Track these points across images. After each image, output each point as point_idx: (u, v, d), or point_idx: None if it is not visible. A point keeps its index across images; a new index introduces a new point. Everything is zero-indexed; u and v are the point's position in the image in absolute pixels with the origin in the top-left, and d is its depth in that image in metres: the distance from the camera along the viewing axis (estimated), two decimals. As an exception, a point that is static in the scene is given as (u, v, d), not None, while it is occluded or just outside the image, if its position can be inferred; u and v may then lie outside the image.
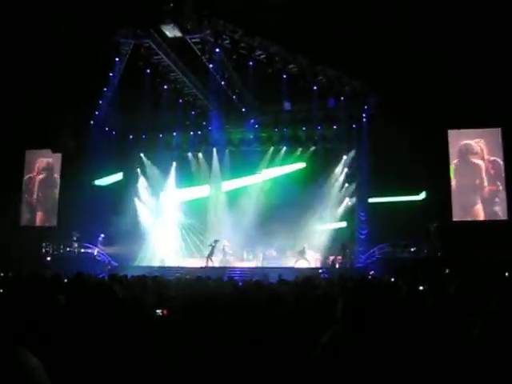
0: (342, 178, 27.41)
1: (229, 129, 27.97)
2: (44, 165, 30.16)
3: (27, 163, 30.28)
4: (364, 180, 25.46)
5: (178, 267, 24.82)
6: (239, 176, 28.54)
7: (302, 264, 24.79)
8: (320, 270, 20.21)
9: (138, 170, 29.71)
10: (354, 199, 26.56)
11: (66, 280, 9.43)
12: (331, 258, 24.99)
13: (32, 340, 2.27)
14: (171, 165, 29.85)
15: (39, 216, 29.98)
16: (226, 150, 29.05)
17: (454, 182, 25.58)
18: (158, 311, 4.67)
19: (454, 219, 25.05)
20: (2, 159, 26.56)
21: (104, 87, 26.16)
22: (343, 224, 26.35)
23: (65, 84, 24.49)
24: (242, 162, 28.16)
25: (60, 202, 29.28)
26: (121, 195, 26.63)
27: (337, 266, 23.73)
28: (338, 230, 26.31)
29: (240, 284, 9.83)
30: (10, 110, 25.84)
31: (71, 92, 25.13)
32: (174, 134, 28.71)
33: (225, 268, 24.40)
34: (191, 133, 28.91)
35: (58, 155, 29.74)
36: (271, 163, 28.44)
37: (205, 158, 29.69)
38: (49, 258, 26.14)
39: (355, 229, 25.60)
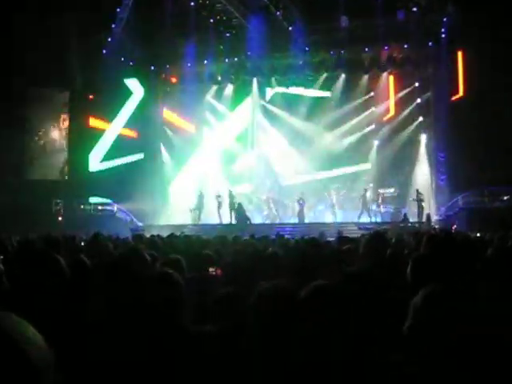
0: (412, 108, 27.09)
1: (272, 54, 27.58)
2: (49, 106, 30.28)
3: (29, 101, 30.09)
4: (443, 112, 24.96)
5: (216, 224, 25.12)
6: (286, 111, 28.52)
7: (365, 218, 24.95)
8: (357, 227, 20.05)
9: (165, 109, 29.76)
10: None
11: (82, 243, 9.66)
12: (403, 210, 24.93)
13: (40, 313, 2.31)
14: (203, 101, 29.84)
15: (46, 167, 30.00)
16: (272, 79, 28.79)
17: None
18: (211, 269, 4.91)
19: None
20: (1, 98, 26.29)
21: (117, 8, 26.03)
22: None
23: (69, 4, 24.24)
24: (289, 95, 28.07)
25: (69, 149, 29.23)
26: (145, 141, 26.77)
27: (410, 219, 23.53)
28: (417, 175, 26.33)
29: (292, 243, 9.83)
30: (8, 39, 25.57)
31: (77, 15, 24.86)
32: (205, 62, 28.51)
33: (271, 224, 24.59)
34: (226, 60, 28.70)
35: (66, 94, 29.77)
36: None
37: (244, 91, 29.56)
38: (60, 218, 26.59)
39: (433, 173, 25.33)
